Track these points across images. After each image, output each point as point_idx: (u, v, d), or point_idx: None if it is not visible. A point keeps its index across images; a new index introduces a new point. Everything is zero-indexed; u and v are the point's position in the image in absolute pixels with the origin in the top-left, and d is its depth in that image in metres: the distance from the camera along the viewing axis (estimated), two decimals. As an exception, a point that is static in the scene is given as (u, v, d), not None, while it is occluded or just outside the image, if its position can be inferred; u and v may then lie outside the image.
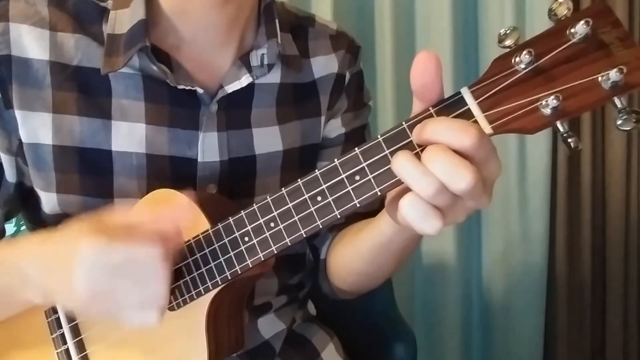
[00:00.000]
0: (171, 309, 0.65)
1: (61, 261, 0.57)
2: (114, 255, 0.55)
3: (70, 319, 0.71)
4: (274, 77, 0.78)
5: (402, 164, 0.48)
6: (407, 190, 0.50)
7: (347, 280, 0.82)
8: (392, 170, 0.49)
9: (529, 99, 0.47)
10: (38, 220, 0.75)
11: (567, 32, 0.46)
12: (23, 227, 0.86)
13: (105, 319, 0.64)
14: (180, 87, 0.70)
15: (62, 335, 0.71)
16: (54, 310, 0.72)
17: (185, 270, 0.64)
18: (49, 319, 0.72)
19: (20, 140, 0.71)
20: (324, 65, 0.84)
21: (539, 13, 1.47)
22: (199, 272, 0.63)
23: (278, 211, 0.58)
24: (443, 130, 0.47)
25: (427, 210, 0.48)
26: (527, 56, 0.46)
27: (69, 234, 0.58)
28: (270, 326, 0.85)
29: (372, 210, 0.70)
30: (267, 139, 0.78)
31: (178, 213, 0.60)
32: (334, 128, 0.86)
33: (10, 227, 1.32)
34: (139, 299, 0.57)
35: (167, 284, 0.56)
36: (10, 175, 0.73)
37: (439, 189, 0.46)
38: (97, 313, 0.60)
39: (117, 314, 0.58)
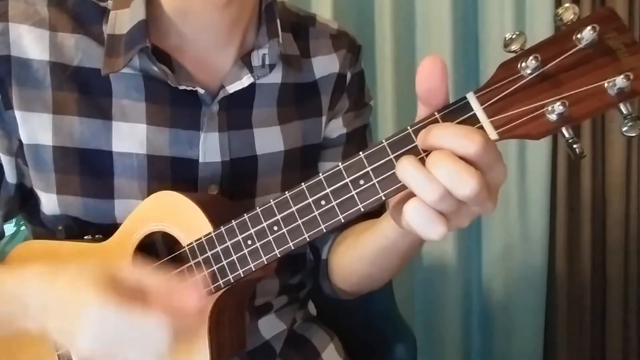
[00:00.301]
0: (173, 311, 0.65)
1: (66, 307, 0.55)
2: (120, 322, 0.52)
3: None
4: (275, 77, 0.78)
5: (406, 169, 0.48)
6: (412, 194, 0.49)
7: (348, 281, 0.82)
8: (396, 175, 0.49)
9: (534, 105, 0.47)
10: (38, 221, 0.75)
11: (574, 37, 0.46)
12: (23, 227, 0.86)
13: None
14: (181, 87, 0.70)
15: None
16: None
17: (187, 273, 0.64)
18: None
19: (20, 141, 0.70)
20: (325, 65, 0.84)
21: (539, 14, 1.47)
22: (201, 275, 0.63)
23: (281, 215, 0.58)
24: (448, 136, 0.47)
25: (431, 215, 0.48)
26: (533, 62, 0.46)
27: (78, 278, 0.55)
28: (270, 326, 0.85)
29: (374, 210, 0.70)
30: (269, 139, 0.78)
31: (192, 290, 0.56)
32: (335, 128, 0.86)
33: (10, 227, 1.32)
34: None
35: (165, 354, 0.54)
36: (10, 176, 0.72)
37: (443, 195, 0.46)
38: None
39: None
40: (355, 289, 0.83)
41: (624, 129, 0.46)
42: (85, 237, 0.72)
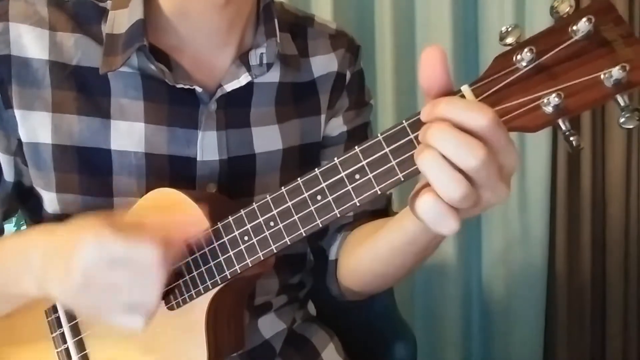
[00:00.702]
0: (171, 308, 0.65)
1: (63, 248, 0.57)
2: (113, 248, 0.54)
3: (71, 318, 0.71)
4: (273, 76, 0.78)
5: (429, 164, 0.46)
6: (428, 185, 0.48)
7: (361, 281, 0.80)
8: (418, 167, 0.48)
9: (530, 97, 0.47)
10: (39, 220, 0.75)
11: (569, 29, 0.46)
12: (23, 227, 0.86)
13: (91, 316, 0.64)
14: (179, 86, 0.70)
15: (62, 335, 0.71)
16: (54, 310, 0.71)
17: (184, 270, 0.64)
18: (49, 318, 0.72)
19: (19, 139, 0.71)
20: (324, 64, 0.84)
21: (539, 11, 1.47)
22: (198, 271, 0.63)
23: (277, 210, 0.58)
24: (457, 109, 0.46)
25: (445, 211, 0.47)
26: (528, 54, 0.46)
27: (76, 224, 0.58)
28: (270, 326, 0.85)
29: (381, 208, 0.70)
30: (267, 138, 0.78)
31: (188, 224, 0.60)
32: (336, 126, 0.85)
33: (10, 227, 1.32)
34: (128, 300, 0.56)
35: (159, 290, 0.56)
36: (8, 175, 0.72)
37: (466, 194, 0.46)
38: (84, 306, 0.60)
39: (104, 311, 0.58)
40: (367, 289, 0.82)
41: (621, 120, 0.46)
42: None
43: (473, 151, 0.45)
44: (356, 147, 0.52)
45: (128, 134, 0.71)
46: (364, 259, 0.77)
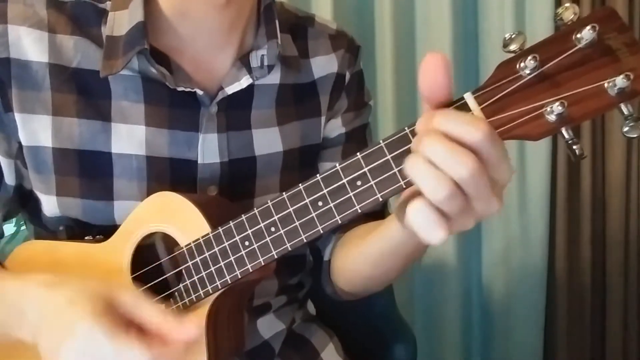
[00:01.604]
0: (171, 312, 0.65)
1: (59, 323, 0.56)
2: (105, 345, 0.52)
3: None
4: (274, 78, 0.78)
5: (415, 166, 0.47)
6: (417, 193, 0.49)
7: (351, 282, 0.81)
8: (405, 171, 0.48)
9: (533, 105, 0.46)
10: (39, 222, 0.75)
11: (573, 37, 0.45)
12: (23, 227, 0.86)
13: None
14: (180, 89, 0.70)
15: None
16: None
17: (185, 274, 0.64)
18: None
19: (19, 143, 0.70)
20: (324, 65, 0.84)
21: (539, 14, 1.47)
22: (199, 276, 0.63)
23: (279, 215, 0.57)
24: (451, 122, 0.46)
25: (434, 219, 0.47)
26: (532, 61, 0.45)
27: (77, 294, 0.56)
28: (269, 326, 0.85)
29: (376, 211, 0.70)
30: (267, 140, 0.78)
31: (183, 332, 0.56)
32: (335, 128, 0.85)
33: (10, 227, 1.32)
34: None
35: None
36: (9, 179, 0.72)
37: (452, 193, 0.45)
38: None
39: None
40: (358, 291, 0.83)
41: (625, 129, 0.46)
42: (86, 238, 0.72)
43: (462, 161, 0.45)
44: (358, 154, 0.52)
45: (129, 137, 0.71)
46: (355, 261, 0.77)
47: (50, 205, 0.72)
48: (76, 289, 0.56)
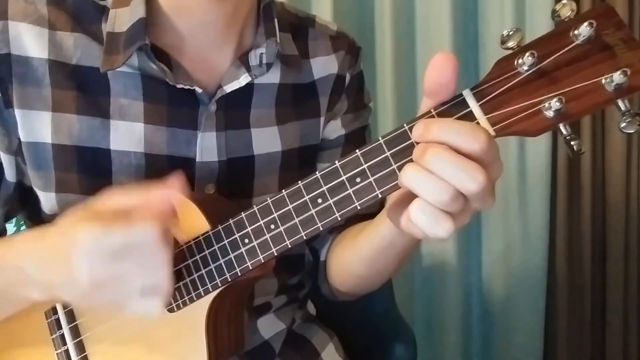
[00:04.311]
0: (171, 310, 0.65)
1: (59, 254, 0.56)
2: (111, 240, 0.53)
3: (70, 319, 0.71)
4: (274, 77, 0.78)
5: (413, 177, 0.47)
6: (408, 195, 0.49)
7: (346, 282, 0.82)
8: (402, 184, 0.49)
9: (531, 101, 0.47)
10: (39, 220, 0.75)
11: (571, 33, 0.46)
12: (23, 227, 0.86)
13: (108, 311, 0.63)
14: (179, 86, 0.70)
15: (62, 336, 0.71)
16: (54, 311, 0.71)
17: (185, 272, 0.64)
18: (49, 320, 0.72)
19: (19, 139, 0.70)
20: (324, 66, 0.84)
21: (539, 13, 1.47)
22: (198, 274, 0.63)
23: (278, 213, 0.57)
24: (450, 133, 0.47)
25: (438, 214, 0.47)
26: (530, 58, 0.46)
27: (63, 225, 0.57)
28: (270, 326, 0.85)
29: (372, 211, 0.70)
30: (266, 140, 0.78)
31: (168, 194, 0.58)
32: (334, 129, 0.85)
33: (10, 227, 1.31)
34: (141, 284, 0.55)
35: (168, 265, 0.55)
36: (10, 175, 0.72)
37: (454, 196, 0.46)
38: (100, 303, 0.58)
39: (120, 302, 0.57)
40: (354, 290, 0.83)
41: (622, 125, 0.46)
42: None
43: (473, 176, 0.46)
44: (357, 151, 0.52)
45: (127, 134, 0.71)
46: (348, 260, 0.78)
47: (49, 202, 0.72)
48: (60, 224, 0.58)
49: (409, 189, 0.48)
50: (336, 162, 0.53)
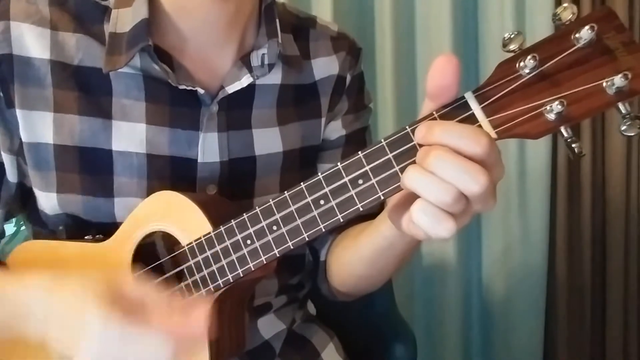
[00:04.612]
0: (172, 311, 0.65)
1: (69, 322, 0.54)
2: (123, 338, 0.52)
3: None
4: (275, 78, 0.78)
5: (416, 179, 0.48)
6: (410, 196, 0.49)
7: (346, 282, 0.82)
8: (405, 186, 0.49)
9: (533, 104, 0.47)
10: (39, 221, 0.75)
11: (572, 37, 0.46)
12: (23, 227, 0.86)
13: None
14: (181, 87, 0.70)
15: None
16: None
17: (187, 273, 0.64)
18: None
19: (21, 139, 0.71)
20: (325, 66, 0.84)
21: (539, 13, 1.47)
22: (200, 274, 0.63)
23: (280, 214, 0.58)
24: (453, 136, 0.47)
25: (440, 214, 0.48)
26: (531, 61, 0.46)
27: (81, 290, 0.55)
28: (270, 326, 0.85)
29: (372, 212, 0.70)
30: (268, 140, 0.78)
31: (197, 324, 0.54)
32: (334, 130, 0.86)
33: (10, 227, 1.32)
34: None
35: None
36: (11, 175, 0.72)
37: (457, 197, 0.46)
38: None
39: None
40: (353, 291, 0.83)
41: (623, 128, 0.46)
42: (85, 237, 0.72)
43: (476, 178, 0.46)
44: (359, 153, 0.52)
45: (129, 135, 0.71)
46: (348, 261, 0.78)
47: (50, 202, 0.72)
48: (79, 285, 0.55)
49: (412, 190, 0.49)
50: (338, 163, 0.53)
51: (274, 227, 0.58)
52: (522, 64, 0.47)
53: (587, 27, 0.45)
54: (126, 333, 0.52)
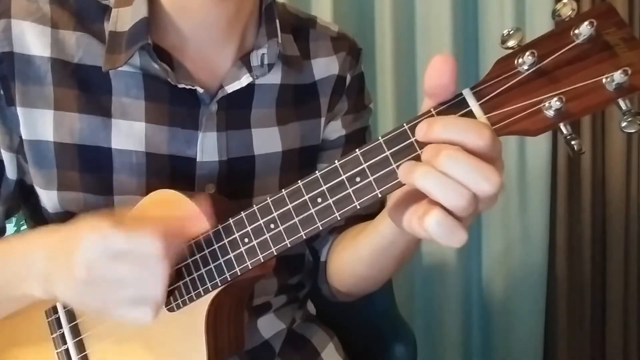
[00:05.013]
0: (171, 310, 0.65)
1: (65, 248, 0.58)
2: (114, 240, 0.54)
3: (71, 318, 0.71)
4: (275, 78, 0.78)
5: (430, 180, 0.46)
6: (410, 194, 0.49)
7: (346, 282, 0.82)
8: (415, 185, 0.47)
9: (532, 101, 0.47)
10: (40, 219, 0.75)
11: (571, 33, 0.46)
12: (23, 227, 0.86)
13: (99, 313, 0.63)
14: (181, 86, 0.70)
15: (62, 335, 0.71)
16: (54, 310, 0.71)
17: (184, 271, 0.64)
18: (49, 319, 0.72)
19: (21, 137, 0.71)
20: (325, 66, 0.84)
21: (539, 13, 1.47)
22: (198, 273, 0.63)
23: (278, 212, 0.57)
24: (455, 130, 0.46)
25: (453, 225, 0.47)
26: (530, 57, 0.46)
27: (78, 223, 0.58)
28: (270, 326, 0.85)
29: (372, 212, 0.70)
30: (267, 140, 0.78)
31: (188, 220, 0.60)
32: (334, 130, 0.85)
33: (10, 227, 1.31)
34: (134, 293, 0.56)
35: (164, 282, 0.56)
36: (11, 173, 0.72)
37: (471, 200, 0.46)
38: (91, 303, 0.59)
39: (111, 306, 0.57)
40: (353, 291, 0.83)
41: (623, 124, 0.46)
42: None
43: (489, 177, 0.45)
44: (357, 150, 0.52)
45: (129, 133, 0.71)
46: (348, 261, 0.78)
47: (51, 200, 0.72)
48: (76, 221, 0.58)
49: (424, 191, 0.47)
50: (336, 161, 0.53)
51: (272, 225, 0.58)
52: (520, 60, 0.46)
53: (586, 23, 0.44)
54: (119, 232, 0.54)
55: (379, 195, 0.52)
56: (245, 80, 0.74)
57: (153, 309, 0.57)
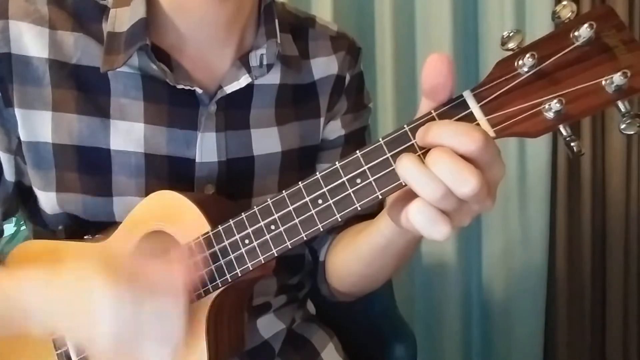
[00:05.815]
0: (171, 310, 0.65)
1: (75, 306, 0.56)
2: (137, 301, 0.53)
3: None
4: (274, 78, 0.78)
5: (406, 167, 0.48)
6: (410, 193, 0.49)
7: (346, 282, 0.82)
8: (397, 172, 0.49)
9: (531, 103, 0.47)
10: (39, 221, 0.75)
11: (571, 35, 0.46)
12: (23, 227, 0.86)
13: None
14: (180, 86, 0.70)
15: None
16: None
17: None
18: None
19: (19, 138, 0.71)
20: (324, 66, 0.84)
21: (539, 14, 1.47)
22: (199, 274, 0.63)
23: (279, 214, 0.57)
24: (448, 134, 0.47)
25: (435, 216, 0.48)
26: (530, 59, 0.46)
27: (79, 269, 0.57)
28: (269, 326, 0.85)
29: (372, 212, 0.70)
30: (266, 140, 0.78)
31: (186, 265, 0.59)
32: (334, 130, 0.85)
33: (10, 227, 1.32)
34: (159, 332, 0.56)
35: (184, 316, 0.56)
36: (9, 174, 0.72)
37: (445, 194, 0.46)
38: (120, 353, 0.57)
39: (137, 350, 0.56)
40: (353, 290, 0.83)
41: (622, 126, 0.46)
42: (85, 237, 0.72)
43: (467, 179, 0.45)
44: (357, 151, 0.52)
45: (127, 134, 0.71)
46: (348, 260, 0.78)
47: (50, 202, 0.72)
48: (75, 267, 0.57)
49: (402, 179, 0.49)
50: (336, 162, 0.53)
51: (272, 227, 0.58)
52: (520, 62, 0.46)
53: (586, 25, 0.45)
54: (138, 295, 0.53)
55: (380, 197, 0.52)
56: (244, 80, 0.74)
57: (174, 346, 0.57)
